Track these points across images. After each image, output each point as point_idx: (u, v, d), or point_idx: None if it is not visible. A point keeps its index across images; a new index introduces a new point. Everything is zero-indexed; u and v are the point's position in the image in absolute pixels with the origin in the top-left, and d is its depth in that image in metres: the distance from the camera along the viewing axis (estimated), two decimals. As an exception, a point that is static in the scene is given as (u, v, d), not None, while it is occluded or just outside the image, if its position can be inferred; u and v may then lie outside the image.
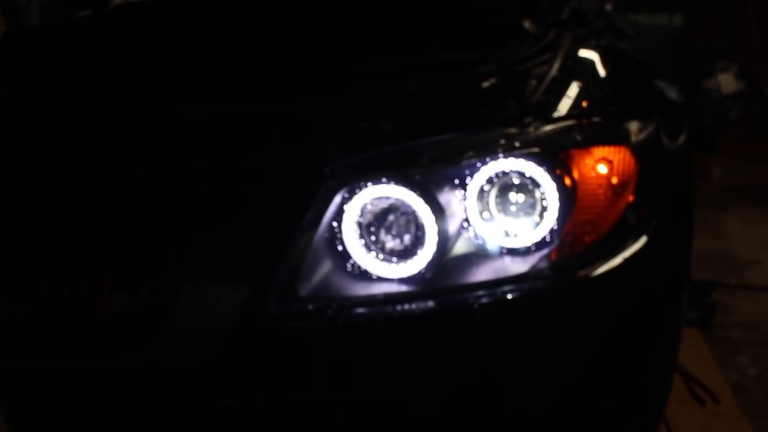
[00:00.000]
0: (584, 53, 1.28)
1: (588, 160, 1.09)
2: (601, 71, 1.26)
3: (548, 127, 1.09)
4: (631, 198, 1.09)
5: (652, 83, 1.36)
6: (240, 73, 1.31)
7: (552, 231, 1.07)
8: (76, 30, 1.83)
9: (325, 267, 1.08)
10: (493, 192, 1.09)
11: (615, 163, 1.09)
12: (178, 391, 1.07)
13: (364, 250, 1.09)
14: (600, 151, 1.09)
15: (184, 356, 1.05)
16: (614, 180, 1.09)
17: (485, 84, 1.16)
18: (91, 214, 1.10)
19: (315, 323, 1.04)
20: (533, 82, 1.15)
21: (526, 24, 1.44)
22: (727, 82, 4.78)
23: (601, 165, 1.09)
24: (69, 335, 1.10)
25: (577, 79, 1.19)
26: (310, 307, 1.05)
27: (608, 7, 1.79)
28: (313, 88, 1.20)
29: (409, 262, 1.08)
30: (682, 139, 1.24)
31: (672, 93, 1.39)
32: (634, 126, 1.14)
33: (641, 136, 1.13)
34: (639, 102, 1.25)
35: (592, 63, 1.27)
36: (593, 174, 1.08)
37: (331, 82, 1.22)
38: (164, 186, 1.09)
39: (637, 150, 1.11)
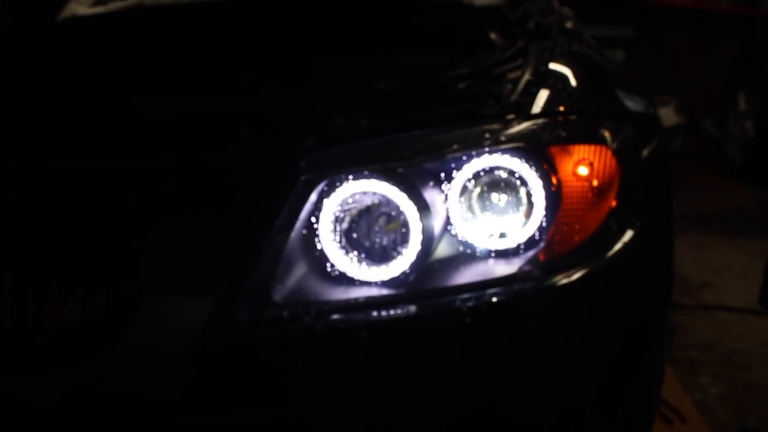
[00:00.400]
0: (556, 59, 1.27)
1: (572, 158, 1.06)
2: (575, 76, 1.25)
3: (532, 124, 1.06)
4: (615, 196, 1.06)
5: (624, 91, 1.35)
6: (205, 72, 1.24)
7: (540, 230, 1.03)
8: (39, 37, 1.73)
9: (301, 269, 1.00)
10: (479, 189, 1.05)
11: (598, 161, 1.07)
12: (138, 410, 0.96)
13: (343, 250, 1.01)
14: (583, 149, 1.07)
15: (145, 370, 0.95)
16: (599, 178, 1.06)
17: (460, 85, 1.13)
18: (37, 212, 0.99)
19: (291, 331, 0.96)
20: (509, 84, 1.12)
21: (493, 36, 1.43)
22: (667, 115, 4.94)
23: (585, 162, 1.06)
24: (9, 348, 0.98)
25: (553, 81, 1.18)
26: (285, 313, 0.96)
27: (569, 25, 1.81)
28: (285, 84, 1.15)
29: (392, 263, 1.01)
30: (659, 142, 1.24)
31: (642, 102, 1.39)
32: (614, 126, 1.13)
33: (622, 135, 1.12)
34: (615, 105, 1.24)
35: (565, 68, 1.26)
36: (578, 172, 1.06)
37: (304, 80, 1.17)
38: (122, 182, 1.00)
39: (618, 149, 1.09)
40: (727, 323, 2.68)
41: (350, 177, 1.00)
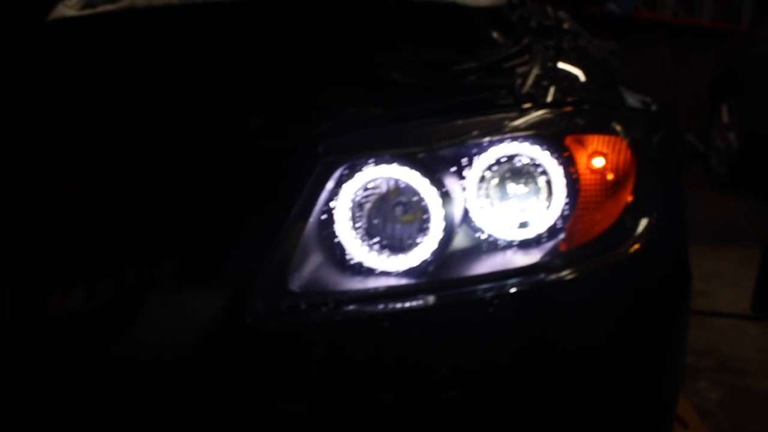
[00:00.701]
0: (563, 56, 1.26)
1: (589, 148, 1.04)
2: (584, 71, 1.24)
3: (549, 113, 1.04)
4: (632, 186, 1.05)
5: (629, 86, 1.34)
6: (210, 66, 1.20)
7: (561, 219, 1.01)
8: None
9: (319, 258, 0.97)
10: (498, 178, 1.02)
11: (615, 151, 1.05)
12: (150, 405, 0.91)
13: (361, 239, 0.98)
14: (600, 139, 1.05)
15: (155, 363, 0.90)
16: (616, 168, 1.05)
17: (471, 77, 1.11)
18: (42, 198, 0.95)
19: (308, 321, 0.92)
20: (519, 77, 1.11)
21: (496, 35, 1.42)
22: (651, 127, 4.98)
23: (602, 152, 1.05)
24: (10, 340, 0.92)
25: (563, 75, 1.17)
26: (303, 303, 0.92)
27: (566, 26, 1.81)
28: (294, 76, 1.11)
29: (412, 252, 0.98)
30: (669, 134, 1.23)
31: (647, 98, 1.39)
32: (629, 116, 1.12)
33: (636, 126, 1.11)
34: (626, 98, 1.23)
35: (572, 64, 1.25)
36: (595, 161, 1.04)
37: (317, 70, 1.13)
38: (132, 167, 0.96)
39: (634, 139, 1.07)
40: (722, 330, 2.67)
41: (369, 162, 0.97)
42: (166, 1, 1.95)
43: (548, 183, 1.02)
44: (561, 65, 1.19)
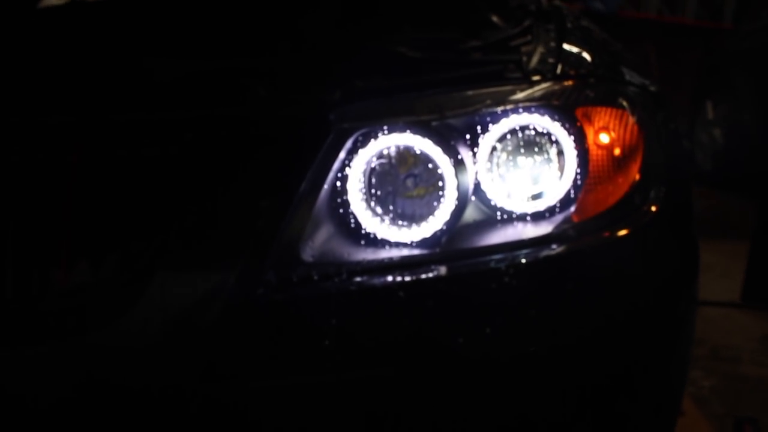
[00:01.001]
0: (566, 35, 1.26)
1: (600, 120, 1.04)
2: (588, 50, 1.24)
3: (559, 85, 1.04)
4: (641, 159, 1.04)
5: (633, 67, 1.34)
6: (214, 39, 1.18)
7: (574, 189, 1.00)
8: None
9: (331, 228, 0.95)
10: (511, 148, 1.02)
11: (624, 123, 1.05)
12: (158, 379, 0.89)
13: (374, 209, 0.97)
14: (610, 112, 1.05)
15: (164, 337, 0.88)
16: (625, 139, 1.05)
17: (477, 53, 1.10)
18: (45, 168, 0.92)
19: (321, 292, 0.90)
20: (525, 55, 1.10)
21: (496, 18, 1.42)
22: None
23: (612, 124, 1.04)
24: (12, 313, 0.90)
25: (567, 53, 1.16)
26: (315, 273, 0.91)
27: (565, 12, 1.81)
28: (305, 48, 1.09)
29: (425, 223, 0.97)
30: (671, 112, 1.23)
31: (647, 80, 1.39)
32: (637, 91, 1.12)
33: (644, 101, 1.10)
34: (631, 75, 1.23)
35: (576, 43, 1.24)
36: (605, 133, 1.03)
37: (324, 42, 1.12)
38: (140, 136, 0.93)
39: (642, 113, 1.07)
40: (714, 320, 2.68)
41: (383, 130, 0.95)
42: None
43: (560, 154, 1.02)
44: (565, 44, 1.18)
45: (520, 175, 1.02)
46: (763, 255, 2.82)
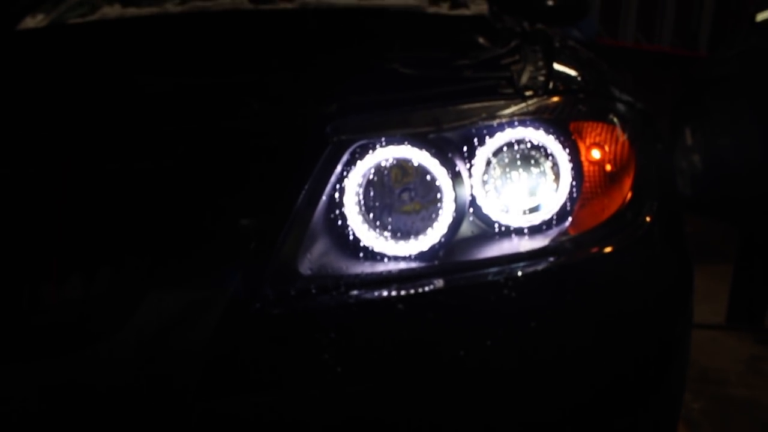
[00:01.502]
0: (555, 54, 1.27)
1: (593, 134, 1.05)
2: (576, 68, 1.25)
3: (552, 100, 1.04)
4: (633, 173, 1.05)
5: (619, 84, 1.36)
6: (217, 57, 1.17)
7: (569, 202, 1.01)
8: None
9: (329, 241, 0.95)
10: (506, 161, 1.02)
11: (616, 138, 1.06)
12: (153, 396, 0.86)
13: (371, 222, 0.96)
14: (603, 127, 1.06)
15: (158, 352, 0.86)
16: (617, 154, 1.05)
17: (468, 71, 1.11)
18: (35, 183, 0.90)
19: (319, 305, 0.89)
20: (515, 72, 1.11)
21: (482, 40, 1.43)
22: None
23: (605, 139, 1.05)
24: (2, 330, 0.87)
25: (557, 71, 1.17)
26: (313, 287, 0.89)
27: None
28: (298, 66, 1.09)
29: (422, 236, 0.97)
30: (658, 129, 1.25)
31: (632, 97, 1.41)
32: (628, 107, 1.13)
33: (634, 116, 1.12)
34: (627, 92, 1.24)
35: (565, 61, 1.26)
36: (598, 148, 1.04)
37: (316, 63, 1.12)
38: (134, 148, 0.92)
39: (633, 127, 1.09)
40: (701, 342, 2.68)
41: (380, 142, 0.95)
42: (138, 14, 1.94)
43: (554, 167, 1.02)
44: (554, 62, 1.20)
45: (516, 188, 1.03)
46: (746, 277, 2.84)
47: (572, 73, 1.21)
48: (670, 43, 6.48)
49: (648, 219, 1.02)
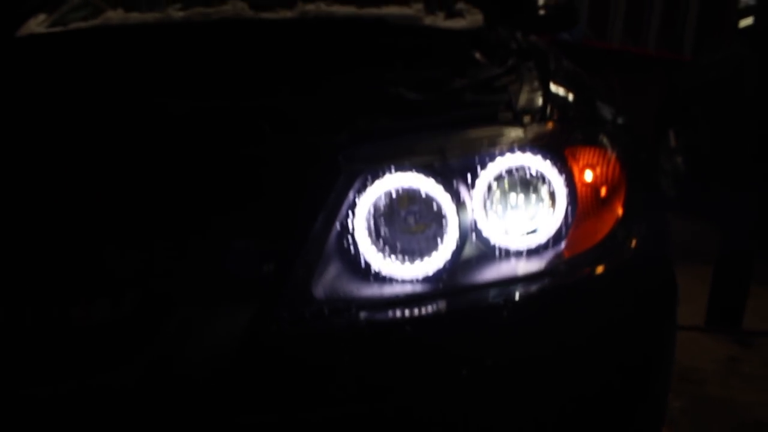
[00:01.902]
0: (548, 76, 1.33)
1: (586, 159, 1.11)
2: (569, 90, 1.32)
3: (547, 126, 1.10)
4: (624, 195, 1.12)
5: (611, 105, 1.43)
6: (226, 80, 1.21)
7: (564, 226, 1.07)
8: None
9: (340, 265, 1.00)
10: (505, 187, 1.08)
11: (608, 162, 1.13)
12: (175, 417, 0.91)
13: (380, 246, 1.02)
14: (595, 152, 1.12)
15: (180, 374, 0.91)
16: (609, 177, 1.12)
17: (467, 94, 1.17)
18: (57, 212, 0.95)
19: (333, 327, 0.95)
20: (514, 95, 1.17)
21: (479, 56, 1.48)
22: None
23: (597, 163, 1.12)
24: (29, 351, 0.92)
25: (552, 94, 1.24)
26: (326, 309, 0.95)
27: (541, 48, 1.89)
28: (307, 89, 1.15)
29: (427, 260, 1.02)
30: (645, 146, 1.32)
31: (617, 113, 1.47)
32: (619, 131, 1.20)
33: (625, 140, 1.18)
34: (616, 116, 1.32)
35: (558, 84, 1.32)
36: (591, 172, 1.10)
37: (323, 85, 1.17)
38: (152, 174, 0.97)
39: (623, 151, 1.15)
40: (680, 343, 2.74)
41: (388, 171, 1.01)
42: (141, 19, 1.97)
43: (551, 192, 1.08)
44: (550, 84, 1.26)
45: (515, 212, 1.09)
46: (725, 280, 2.92)
47: (566, 97, 1.27)
48: (655, 46, 6.58)
49: (637, 239, 1.09)
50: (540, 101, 1.15)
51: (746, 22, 4.63)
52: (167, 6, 2.02)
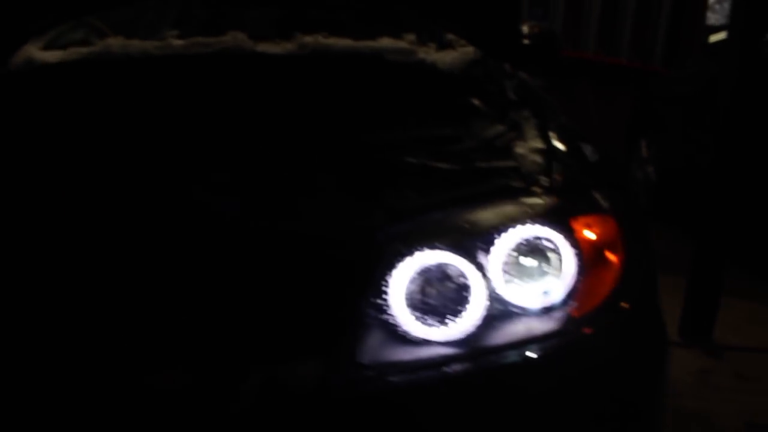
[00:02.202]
0: (546, 132, 1.46)
1: (589, 225, 1.23)
2: (568, 146, 1.45)
3: (556, 197, 1.25)
4: (624, 254, 1.23)
5: (604, 156, 1.56)
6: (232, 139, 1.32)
7: (574, 289, 1.19)
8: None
9: (382, 333, 1.12)
10: (521, 255, 1.19)
11: (608, 226, 1.25)
12: None
13: (415, 314, 1.14)
14: (596, 218, 1.25)
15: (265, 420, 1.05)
16: (610, 240, 1.24)
17: (479, 161, 1.29)
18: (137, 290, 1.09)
19: (378, 389, 1.07)
20: (519, 159, 1.32)
21: (477, 102, 1.60)
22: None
23: (599, 228, 1.24)
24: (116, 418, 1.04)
25: (555, 155, 1.38)
26: (373, 373, 1.08)
27: (530, 89, 1.98)
28: (329, 164, 1.27)
29: (458, 325, 1.15)
30: (639, 204, 1.45)
31: (593, 148, 1.59)
32: (616, 194, 1.33)
33: (621, 202, 1.32)
34: (610, 173, 1.44)
35: (557, 141, 1.46)
36: (594, 236, 1.22)
37: (346, 157, 1.31)
38: (208, 254, 1.10)
39: (620, 213, 1.29)
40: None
41: (421, 249, 1.14)
42: (142, 48, 2.00)
43: (559, 257, 1.20)
44: (550, 144, 1.41)
45: (529, 278, 1.21)
46: (698, 294, 3.03)
47: (568, 161, 1.40)
48: (627, 56, 6.73)
49: (635, 293, 1.22)
50: (546, 169, 1.30)
51: (717, 37, 4.78)
52: (166, 33, 2.06)
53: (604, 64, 6.37)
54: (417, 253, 1.15)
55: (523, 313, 1.19)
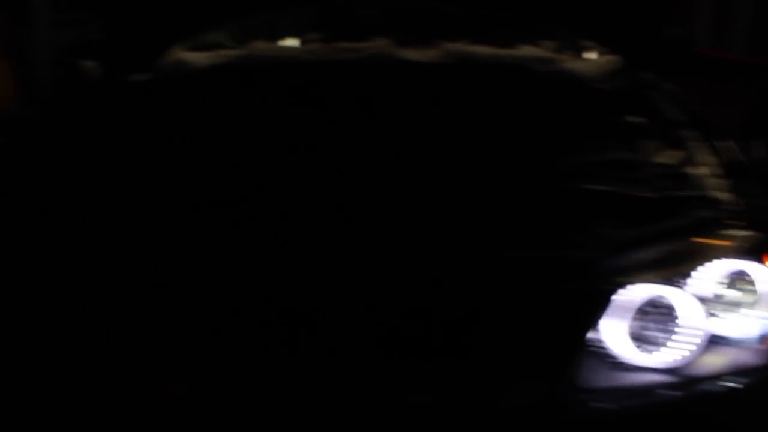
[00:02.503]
0: (716, 151, 1.48)
1: None
2: (735, 168, 1.46)
3: (750, 235, 1.30)
4: None
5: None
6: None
7: None
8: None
9: (600, 360, 1.20)
10: (724, 288, 1.25)
11: None
12: None
13: (631, 343, 1.22)
14: None
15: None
16: None
17: (662, 187, 1.38)
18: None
19: (593, 412, 1.15)
20: (701, 183, 1.39)
21: (639, 119, 1.62)
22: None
23: None
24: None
25: (732, 177, 1.45)
26: (588, 398, 1.16)
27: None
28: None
29: (669, 353, 1.21)
30: None
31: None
32: None
33: None
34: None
35: (728, 167, 1.48)
36: None
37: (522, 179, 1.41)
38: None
39: None
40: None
41: (637, 281, 1.22)
42: (288, 52, 2.06)
43: (755, 291, 1.26)
44: (725, 166, 1.47)
45: (735, 309, 1.27)
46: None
47: (747, 187, 1.46)
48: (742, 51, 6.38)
49: None
50: (731, 196, 1.36)
51: None
52: (308, 36, 2.10)
53: (717, 59, 6.07)
54: (633, 285, 1.21)
55: (728, 343, 1.24)
